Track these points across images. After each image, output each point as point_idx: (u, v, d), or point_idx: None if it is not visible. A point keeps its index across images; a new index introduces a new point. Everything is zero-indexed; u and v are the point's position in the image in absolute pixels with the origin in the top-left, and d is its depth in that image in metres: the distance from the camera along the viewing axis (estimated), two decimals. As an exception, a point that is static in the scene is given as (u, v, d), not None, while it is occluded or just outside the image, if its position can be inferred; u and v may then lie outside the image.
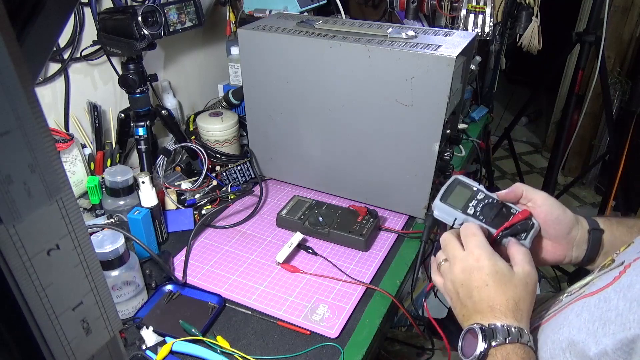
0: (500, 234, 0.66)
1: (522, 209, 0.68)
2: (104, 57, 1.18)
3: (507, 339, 0.54)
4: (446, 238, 0.66)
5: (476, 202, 0.70)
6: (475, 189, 0.72)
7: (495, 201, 0.70)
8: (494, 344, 0.54)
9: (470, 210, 0.69)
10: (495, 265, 0.60)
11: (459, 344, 0.59)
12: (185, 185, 1.16)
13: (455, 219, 0.70)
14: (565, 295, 0.62)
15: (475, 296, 0.59)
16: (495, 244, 0.66)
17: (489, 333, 0.55)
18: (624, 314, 0.46)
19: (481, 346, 0.54)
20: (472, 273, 0.60)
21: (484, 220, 0.68)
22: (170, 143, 1.28)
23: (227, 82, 1.42)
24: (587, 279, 0.61)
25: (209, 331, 0.80)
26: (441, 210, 0.71)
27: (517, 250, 0.63)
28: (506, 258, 0.63)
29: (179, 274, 0.92)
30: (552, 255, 0.69)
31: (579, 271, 1.86)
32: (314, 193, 1.18)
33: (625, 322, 0.46)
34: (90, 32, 1.12)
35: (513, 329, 0.55)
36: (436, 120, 0.94)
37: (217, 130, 1.21)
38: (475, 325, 0.57)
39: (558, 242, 0.68)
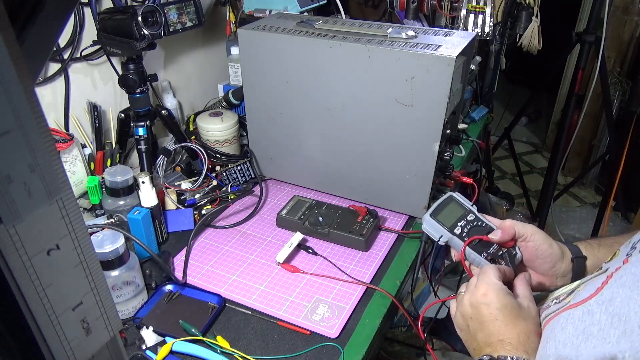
0: (474, 242, 0.68)
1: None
2: (104, 57, 1.18)
3: None
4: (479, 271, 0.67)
5: (465, 222, 0.71)
6: (467, 209, 0.73)
7: (484, 225, 0.71)
8: None
9: (457, 230, 0.70)
10: (504, 300, 0.61)
11: None
12: (185, 185, 1.16)
13: (441, 236, 0.71)
14: (554, 301, 0.62)
15: (485, 330, 0.60)
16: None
17: None
18: (606, 329, 0.46)
19: None
20: (480, 307, 0.61)
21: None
22: (170, 143, 1.28)
23: (227, 82, 1.42)
24: (575, 283, 0.61)
25: (209, 331, 0.80)
26: (429, 225, 0.72)
27: (524, 284, 0.65)
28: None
29: (179, 274, 0.91)
30: (537, 286, 0.71)
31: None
32: (314, 193, 1.18)
33: (607, 337, 0.46)
34: (90, 32, 1.12)
35: None
36: (436, 120, 0.94)
37: (217, 130, 1.21)
38: (485, 357, 0.57)
39: (543, 274, 0.70)
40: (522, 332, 0.58)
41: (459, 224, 0.71)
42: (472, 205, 0.74)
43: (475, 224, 0.71)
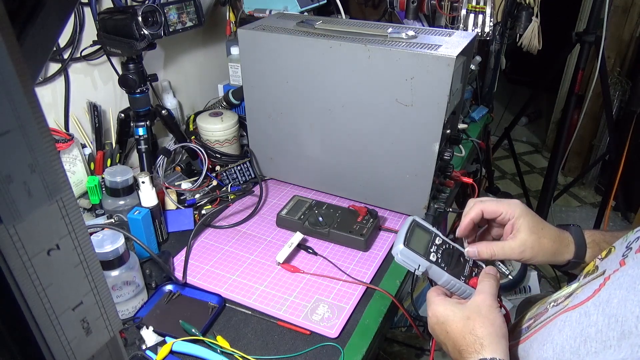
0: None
1: (474, 257, 0.70)
2: (104, 57, 1.18)
3: None
4: None
5: (436, 247, 0.68)
6: (432, 233, 0.70)
7: (450, 247, 0.70)
8: None
9: (433, 257, 0.66)
10: (445, 310, 0.62)
11: None
12: (185, 185, 1.16)
13: (419, 265, 0.66)
14: (552, 304, 0.62)
15: (449, 348, 0.62)
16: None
17: None
18: (603, 331, 0.46)
19: None
20: (434, 329, 0.63)
21: (445, 268, 0.66)
22: (170, 143, 1.28)
23: (227, 82, 1.42)
24: (573, 286, 0.61)
25: (209, 331, 0.80)
26: (405, 256, 0.66)
27: (480, 282, 0.65)
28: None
29: (179, 274, 0.91)
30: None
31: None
32: (314, 193, 1.18)
33: (605, 340, 0.45)
34: (90, 32, 1.12)
35: None
36: (436, 120, 0.94)
37: (217, 130, 1.21)
38: None
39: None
40: (467, 334, 0.59)
41: (432, 250, 0.67)
42: (433, 227, 0.71)
43: (444, 247, 0.68)
